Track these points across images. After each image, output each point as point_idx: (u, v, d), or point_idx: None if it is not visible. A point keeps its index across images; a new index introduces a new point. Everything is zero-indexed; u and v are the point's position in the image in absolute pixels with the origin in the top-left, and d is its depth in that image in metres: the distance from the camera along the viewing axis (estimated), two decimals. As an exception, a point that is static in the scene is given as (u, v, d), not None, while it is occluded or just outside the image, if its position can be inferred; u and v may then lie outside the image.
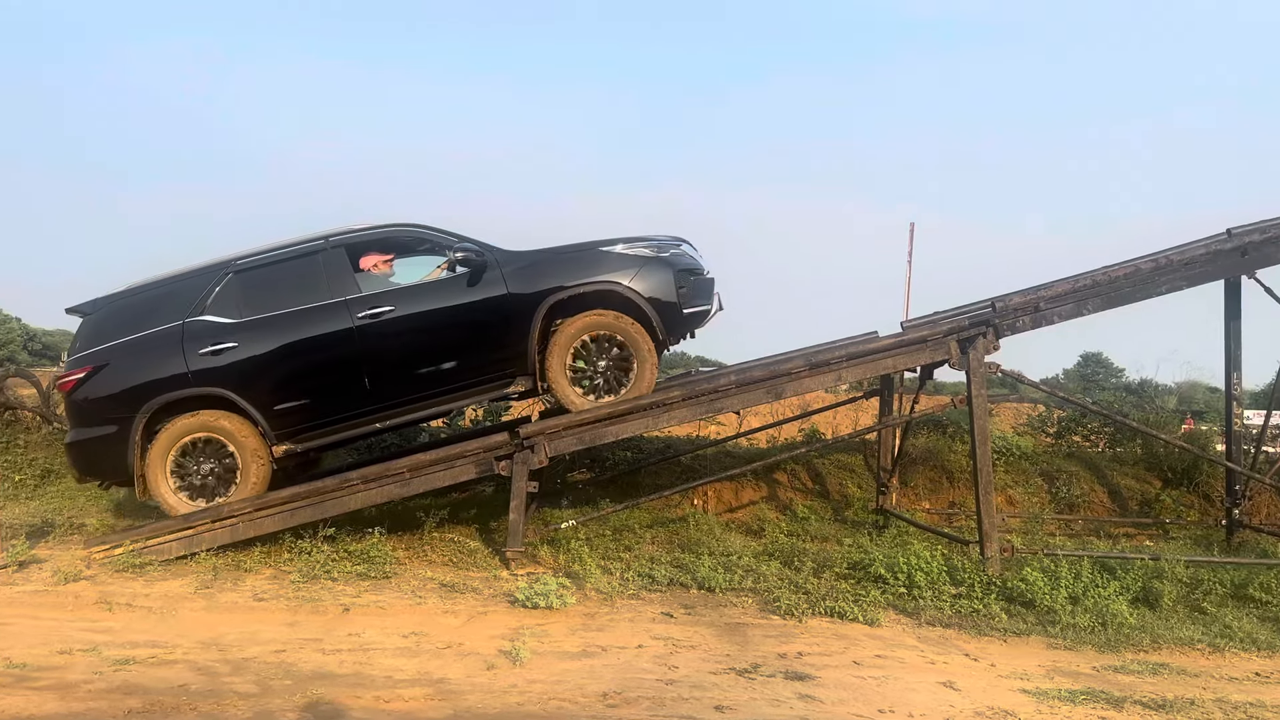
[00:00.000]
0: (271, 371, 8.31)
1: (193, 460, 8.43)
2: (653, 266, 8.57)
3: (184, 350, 8.30)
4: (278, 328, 8.34)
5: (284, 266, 8.50)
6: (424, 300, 8.43)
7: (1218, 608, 7.87)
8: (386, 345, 8.32)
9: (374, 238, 8.69)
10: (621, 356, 8.55)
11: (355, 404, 8.41)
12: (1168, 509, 11.19)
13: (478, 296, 8.38)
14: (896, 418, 10.75)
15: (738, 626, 7.07)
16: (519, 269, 8.43)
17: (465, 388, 8.54)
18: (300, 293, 8.40)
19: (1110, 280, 8.54)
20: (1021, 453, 11.93)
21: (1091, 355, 44.72)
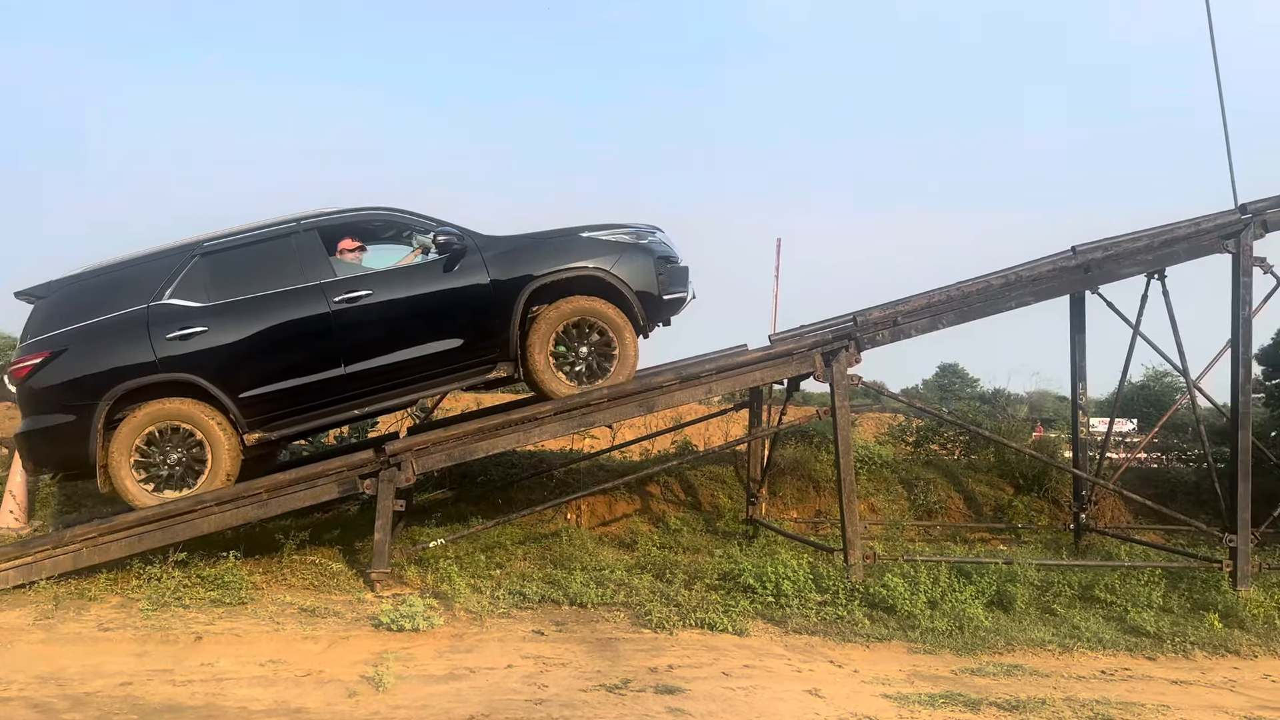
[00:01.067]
0: (243, 357, 8.00)
1: (159, 450, 8.01)
2: (634, 253, 8.56)
3: (150, 335, 7.92)
4: (249, 312, 8.05)
5: (254, 249, 8.22)
6: (403, 285, 8.24)
7: (1067, 609, 8.25)
8: (364, 330, 8.11)
9: (348, 221, 8.45)
10: (603, 343, 8.48)
11: (332, 390, 8.16)
12: (1020, 514, 11.72)
13: (458, 282, 8.23)
14: (765, 429, 10.93)
15: (609, 642, 7.03)
16: (499, 254, 8.33)
17: (445, 374, 8.37)
18: (272, 276, 8.13)
19: (963, 295, 8.89)
20: (883, 461, 12.31)
21: (949, 366, 46.60)
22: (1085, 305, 10.74)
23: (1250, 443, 8.98)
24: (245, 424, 8.08)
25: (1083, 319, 10.82)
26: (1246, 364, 8.97)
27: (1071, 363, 10.99)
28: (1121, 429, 16.57)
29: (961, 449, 13.32)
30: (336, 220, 8.41)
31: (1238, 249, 8.90)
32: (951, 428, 13.09)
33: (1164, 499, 11.47)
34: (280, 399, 8.11)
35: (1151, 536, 10.99)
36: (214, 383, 7.96)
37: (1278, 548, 10.40)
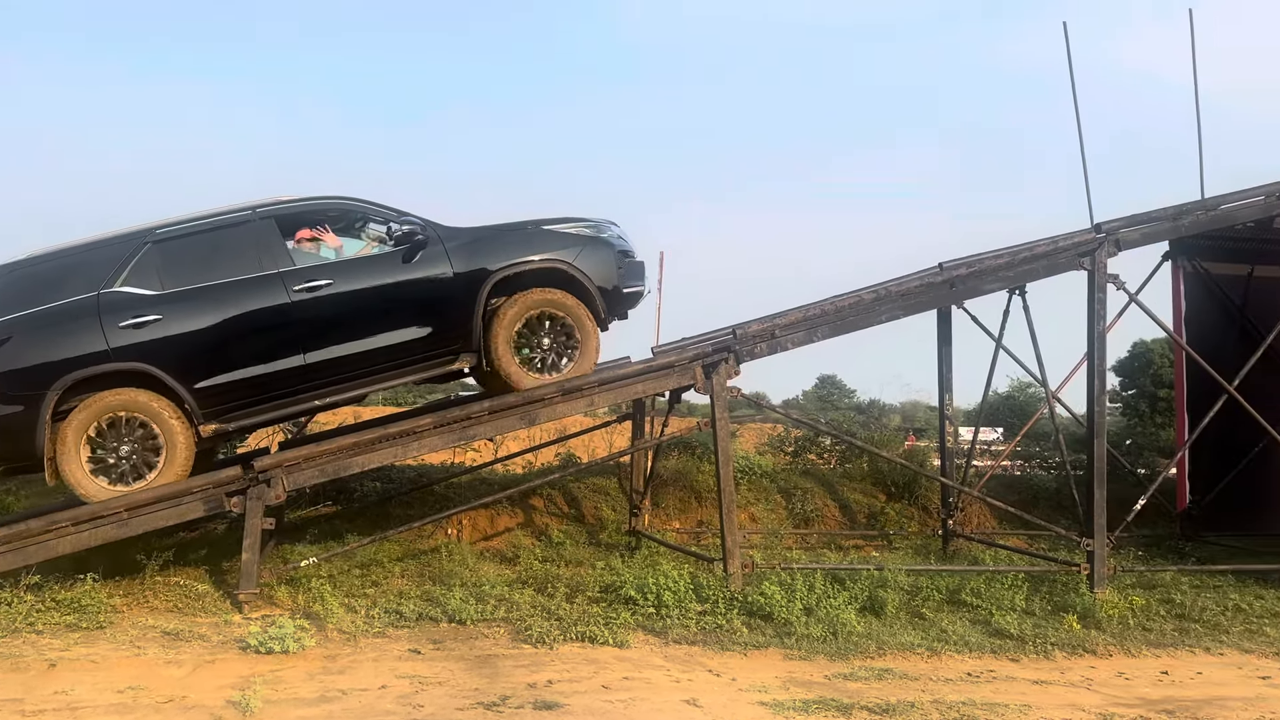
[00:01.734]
0: (200, 346, 7.82)
1: (111, 441, 7.72)
2: (595, 246, 8.66)
3: (102, 323, 7.66)
4: (206, 300, 7.87)
5: (209, 237, 8.04)
6: (364, 275, 8.18)
7: (935, 613, 8.53)
8: (325, 320, 8.00)
9: (306, 209, 8.34)
10: (565, 335, 8.54)
11: (292, 381, 8.04)
12: (892, 521, 12.07)
13: (421, 273, 8.20)
14: (647, 440, 11.00)
15: (488, 658, 6.95)
16: (461, 245, 8.32)
17: (407, 364, 8.33)
18: (228, 265, 7.97)
19: (837, 310, 9.13)
20: (763, 471, 12.53)
21: (827, 377, 47.92)
22: (952, 319, 11.17)
23: (1105, 451, 9.45)
24: (201, 415, 7.90)
25: (949, 332, 11.25)
26: (1101, 376, 9.45)
27: (939, 375, 11.41)
28: (988, 438, 17.28)
29: (837, 458, 13.67)
30: (294, 209, 8.31)
31: (1093, 266, 9.37)
32: (828, 437, 13.41)
33: (1026, 505, 11.98)
34: (238, 389, 7.96)
35: (1015, 541, 11.46)
36: (169, 373, 7.75)
37: (1132, 551, 11.00)
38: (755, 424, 22.00)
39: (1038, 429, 13.73)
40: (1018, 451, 14.59)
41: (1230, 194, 9.74)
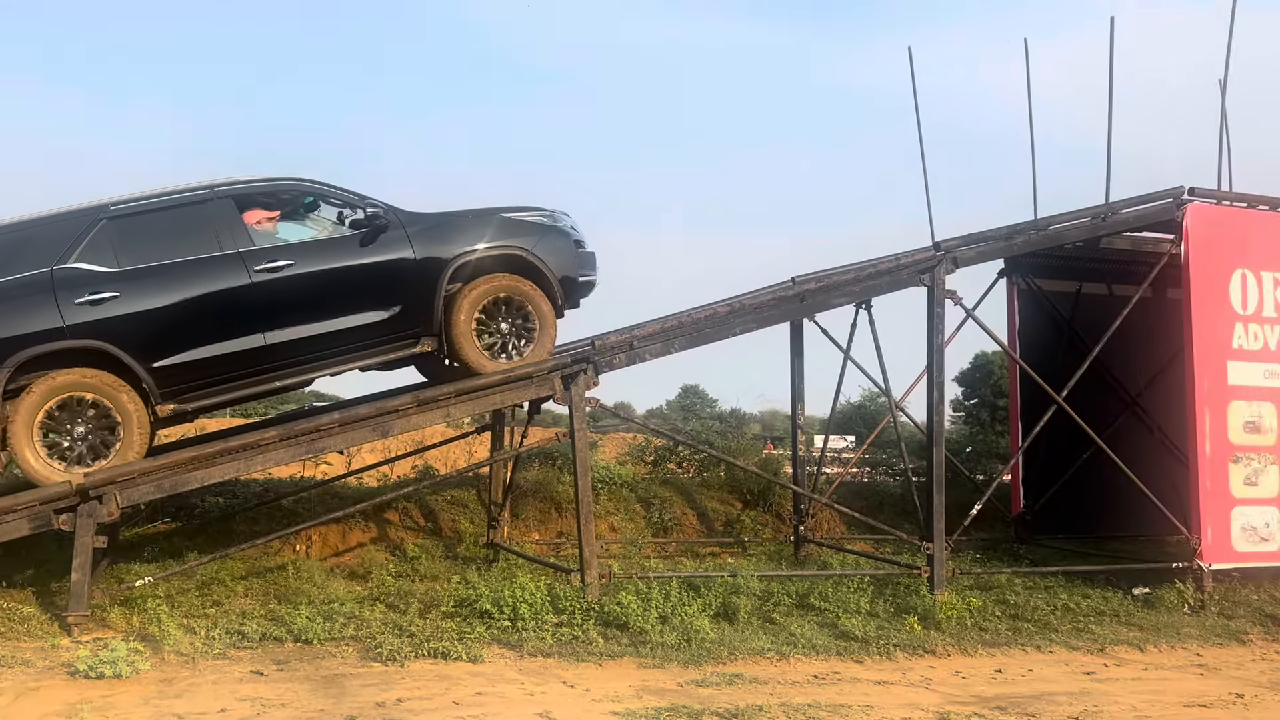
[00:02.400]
0: (159, 325, 7.68)
1: (66, 422, 7.51)
2: (553, 234, 8.88)
3: (57, 300, 7.45)
4: (165, 278, 7.75)
5: (167, 215, 7.94)
6: (326, 257, 8.17)
7: (785, 617, 8.76)
8: (286, 301, 7.96)
9: (265, 190, 8.30)
10: (524, 320, 8.68)
11: (252, 362, 7.99)
12: (747, 528, 12.33)
13: (382, 256, 8.24)
14: (507, 451, 10.92)
15: (335, 678, 6.76)
16: (423, 230, 8.41)
17: (368, 346, 8.36)
18: (187, 243, 7.87)
19: (694, 322, 9.29)
20: (623, 481, 12.60)
21: (690, 387, 48.62)
22: (803, 331, 11.52)
23: (944, 458, 9.88)
24: (159, 395, 7.76)
25: (801, 344, 11.60)
26: (940, 387, 9.89)
27: (791, 385, 11.75)
28: (838, 445, 17.83)
29: (696, 467, 13.85)
30: (252, 189, 8.26)
31: (932, 283, 9.81)
32: (687, 447, 13.60)
33: (873, 511, 12.41)
34: (197, 369, 7.86)
35: (862, 546, 11.87)
36: (126, 351, 7.58)
37: (970, 554, 11.54)
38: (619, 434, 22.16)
39: (886, 436, 14.26)
40: (865, 459, 15.12)
41: (1059, 215, 10.37)
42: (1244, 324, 10.38)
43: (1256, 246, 10.53)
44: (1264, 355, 10.43)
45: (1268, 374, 10.45)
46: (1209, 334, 10.24)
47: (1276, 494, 10.35)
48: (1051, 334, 12.46)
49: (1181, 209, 10.33)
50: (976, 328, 10.81)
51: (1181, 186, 10.37)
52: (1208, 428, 10.15)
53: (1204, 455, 10.13)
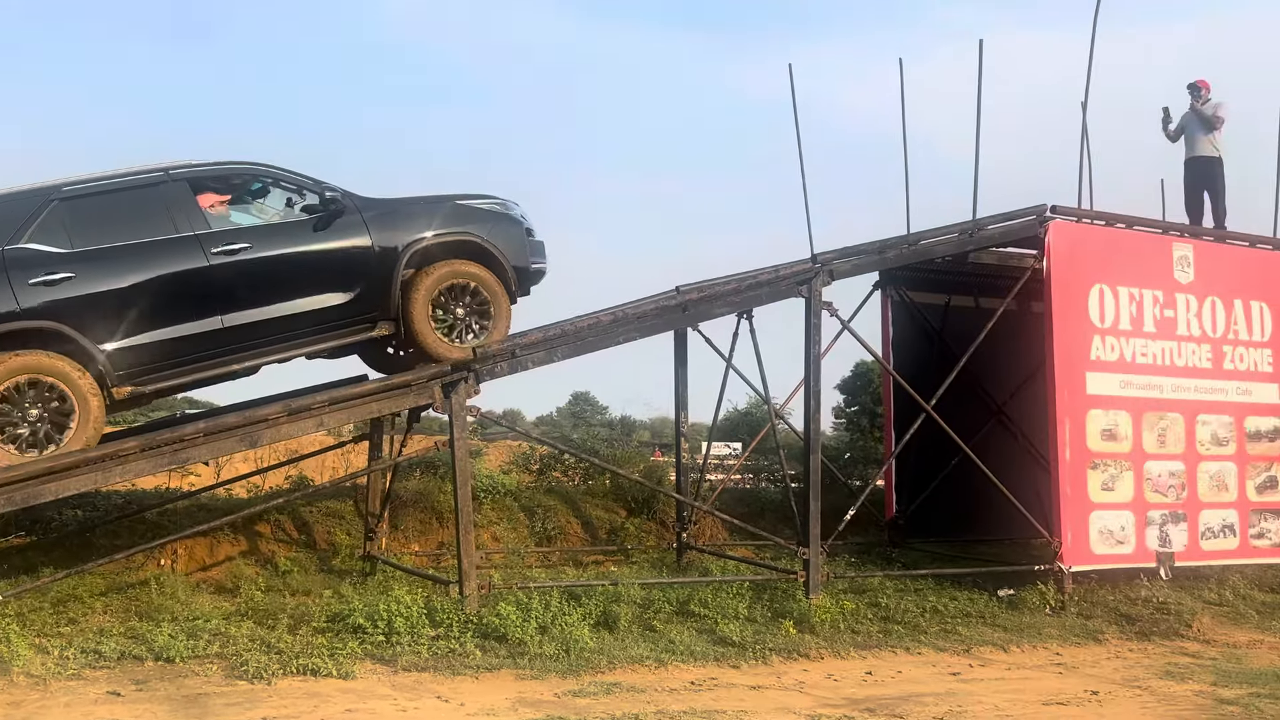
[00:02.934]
0: (116, 306, 7.59)
1: (18, 406, 7.28)
2: (507, 222, 9.07)
3: (10, 280, 7.29)
4: (122, 260, 7.66)
5: (121, 196, 7.86)
6: (284, 240, 8.20)
7: (665, 624, 8.81)
8: (244, 284, 7.98)
9: (220, 174, 8.28)
10: (479, 305, 8.84)
11: (210, 344, 7.97)
12: (631, 536, 12.36)
13: (340, 240, 8.33)
14: (384, 461, 10.70)
15: (198, 697, 6.50)
16: (379, 215, 8.50)
17: (326, 330, 8.42)
18: (142, 225, 7.80)
19: (577, 330, 9.27)
20: (506, 490, 12.48)
21: (581, 394, 48.56)
22: (687, 340, 11.63)
23: (820, 465, 10.11)
24: (115, 377, 7.64)
25: (685, 353, 11.71)
26: (816, 395, 10.12)
27: (675, 393, 11.85)
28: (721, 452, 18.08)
29: (582, 475, 13.83)
30: (207, 173, 8.24)
31: (809, 294, 10.03)
32: (572, 455, 13.57)
33: (755, 517, 12.61)
34: (154, 351, 7.80)
35: (744, 552, 12.03)
36: (82, 333, 7.47)
37: (845, 558, 11.82)
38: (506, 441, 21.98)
39: (769, 443, 14.49)
40: (748, 465, 15.35)
41: (929, 230, 10.73)
42: (1102, 337, 10.92)
43: (1114, 263, 11.09)
44: (1120, 366, 10.99)
45: (1123, 384, 11.01)
46: (1069, 346, 10.74)
47: (1131, 499, 10.90)
48: (923, 344, 12.87)
49: (1044, 226, 10.82)
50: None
51: (1044, 205, 10.86)
52: (1068, 435, 10.63)
53: (1064, 462, 10.61)
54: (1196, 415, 11.31)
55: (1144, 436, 11.01)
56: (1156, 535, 10.94)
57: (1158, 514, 10.98)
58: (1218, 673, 8.19)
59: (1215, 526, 11.33)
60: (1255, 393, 11.72)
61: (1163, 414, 11.13)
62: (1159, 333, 11.18)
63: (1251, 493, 11.56)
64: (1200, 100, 12.27)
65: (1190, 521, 11.16)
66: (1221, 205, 12.29)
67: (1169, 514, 11.05)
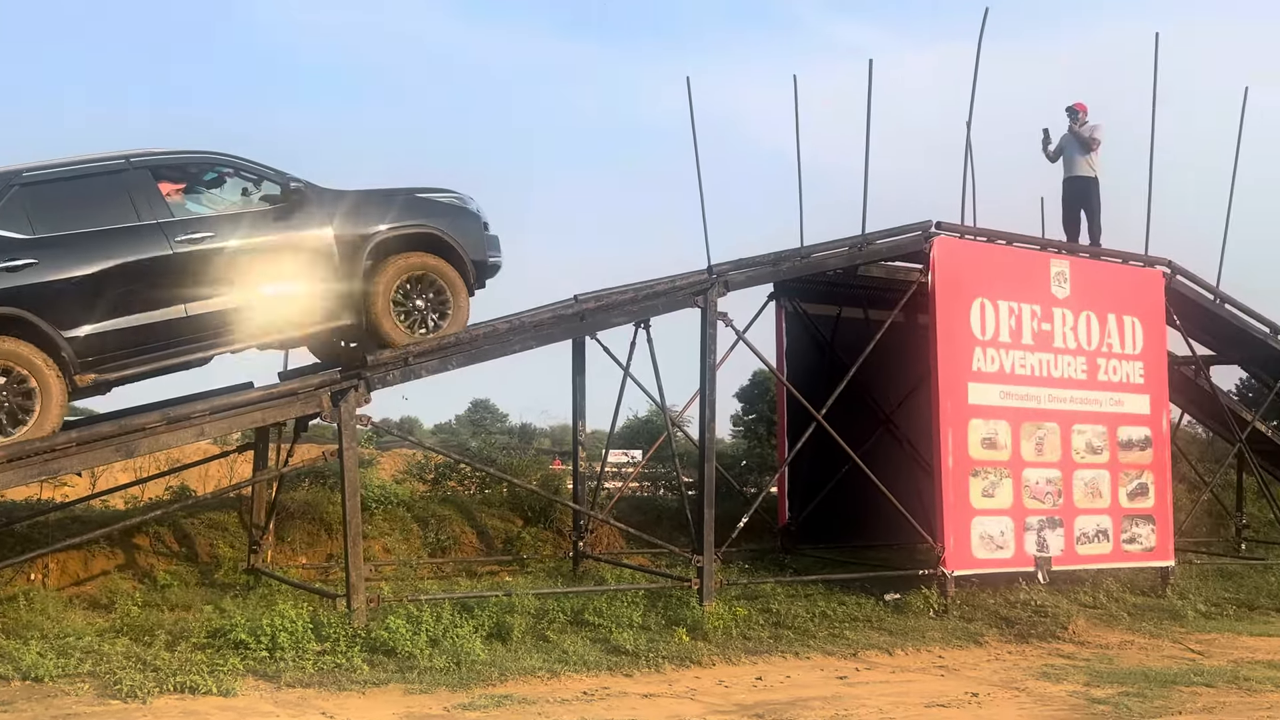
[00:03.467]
0: (80, 293, 7.53)
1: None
2: (465, 216, 9.17)
3: None
4: (85, 247, 7.60)
5: (83, 183, 7.81)
6: (247, 230, 8.20)
7: (559, 634, 8.78)
8: (207, 273, 7.99)
9: (182, 162, 8.31)
10: (439, 297, 8.92)
11: (174, 333, 7.95)
12: (527, 545, 12.29)
13: (302, 231, 8.37)
14: (271, 470, 10.41)
15: (67, 718, 6.21)
16: (341, 206, 8.56)
17: (292, 319, 8.45)
18: (105, 212, 7.74)
19: (472, 339, 9.18)
20: (399, 500, 12.28)
21: (481, 401, 48.10)
22: (585, 349, 11.63)
23: (714, 473, 10.22)
24: (78, 364, 7.57)
25: (583, 361, 11.71)
26: (711, 405, 10.23)
27: (573, 402, 11.83)
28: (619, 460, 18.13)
29: (478, 485, 13.70)
30: (169, 160, 8.25)
31: (705, 305, 10.15)
32: (469, 464, 13.43)
33: (651, 525, 12.67)
34: (117, 339, 7.74)
35: (640, 560, 12.08)
36: (45, 319, 7.38)
37: (738, 564, 11.96)
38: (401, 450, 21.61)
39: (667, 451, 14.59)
40: (646, 473, 15.43)
41: (820, 244, 10.98)
42: (983, 348, 11.31)
43: (995, 278, 11.52)
44: (1000, 377, 11.40)
45: (1003, 394, 11.42)
46: (952, 357, 11.10)
47: (1010, 505, 11.31)
48: (815, 355, 13.15)
49: (929, 241, 11.17)
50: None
51: (929, 221, 11.21)
52: (950, 444, 10.99)
53: (947, 469, 10.95)
54: (1072, 425, 11.81)
55: (1023, 445, 11.44)
56: (1034, 540, 11.38)
57: (1035, 520, 11.42)
58: (1091, 673, 8.55)
59: (1090, 532, 11.83)
60: (1127, 403, 12.29)
61: (1040, 423, 11.59)
62: (1037, 345, 11.64)
63: (1123, 499, 12.10)
64: (1078, 122, 12.83)
65: (1066, 527, 11.63)
66: (1097, 223, 12.86)
67: (1046, 520, 11.50)
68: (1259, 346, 14.08)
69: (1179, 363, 14.14)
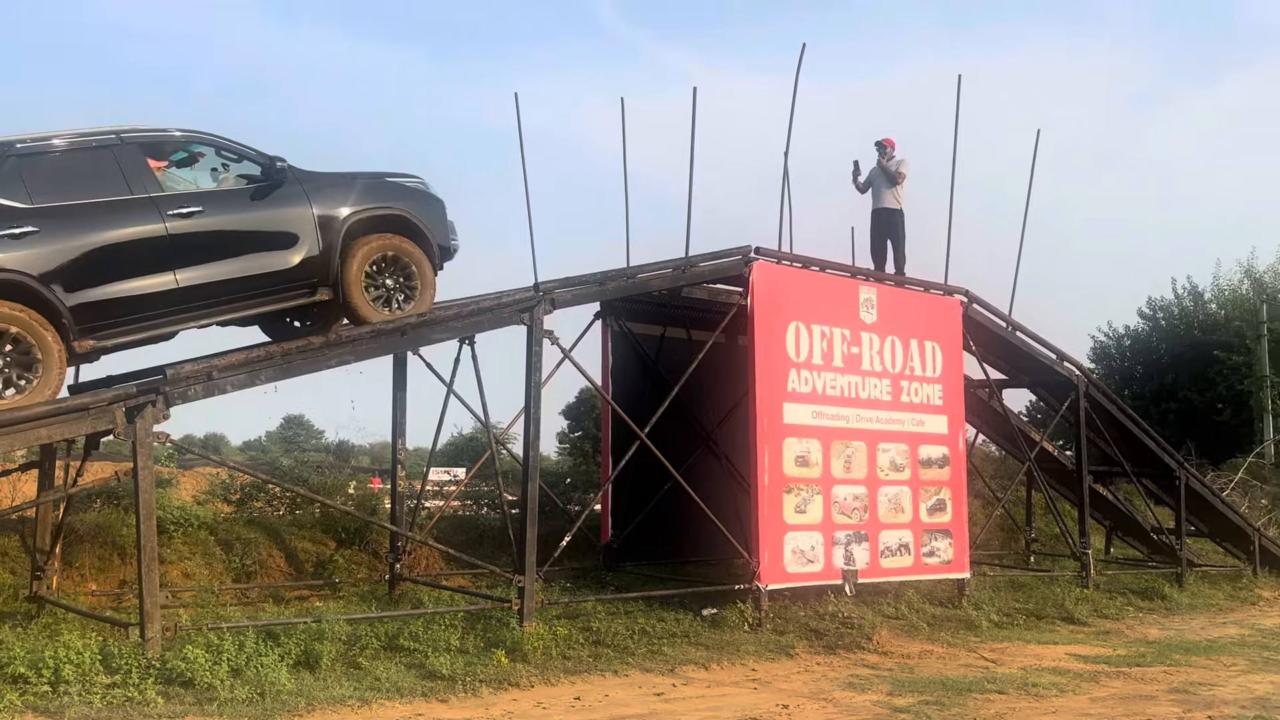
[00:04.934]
0: (78, 262, 7.87)
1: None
2: (431, 200, 9.80)
3: None
4: (83, 217, 7.96)
5: (75, 156, 8.13)
6: (234, 206, 8.68)
7: (372, 661, 8.47)
8: (197, 245, 8.40)
9: (167, 139, 8.65)
10: (406, 277, 9.46)
11: (166, 302, 8.33)
12: (341, 568, 11.87)
13: (286, 208, 8.84)
14: (58, 490, 9.66)
15: None
16: (319, 186, 9.05)
17: (272, 292, 8.87)
18: (98, 185, 8.10)
19: (284, 352, 8.81)
20: (201, 522, 11.63)
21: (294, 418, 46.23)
22: (406, 365, 11.37)
23: (538, 492, 10.16)
24: (77, 330, 7.91)
25: (404, 378, 11.46)
26: (536, 423, 10.18)
27: (393, 419, 11.53)
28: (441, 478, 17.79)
29: (288, 505, 13.13)
30: (156, 138, 8.58)
31: (531, 322, 10.11)
32: (277, 484, 12.86)
33: (474, 544, 12.49)
34: (114, 307, 8.09)
35: (460, 581, 11.87)
36: (46, 285, 7.69)
37: (560, 583, 11.93)
38: (205, 469, 20.48)
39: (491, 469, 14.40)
40: (469, 492, 15.19)
41: (646, 265, 11.14)
42: (797, 370, 11.75)
43: (809, 302, 11.99)
44: (813, 398, 11.86)
45: (815, 414, 11.88)
46: (769, 378, 11.47)
47: (821, 520, 11.76)
48: (640, 373, 13.32)
49: (749, 266, 11.52)
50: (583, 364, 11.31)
51: (749, 246, 11.57)
52: (766, 461, 11.33)
53: (763, 486, 11.29)
54: (878, 443, 12.40)
55: (832, 463, 11.93)
56: (842, 554, 11.87)
57: (843, 534, 11.92)
58: (893, 683, 8.95)
59: (893, 545, 12.44)
60: (927, 423, 13.02)
61: (849, 442, 12.12)
62: (846, 367, 12.19)
63: (924, 514, 12.79)
64: (886, 157, 13.55)
65: (872, 541, 12.19)
66: (902, 253, 13.60)
67: (853, 534, 12.01)
68: (1046, 371, 15.24)
69: (974, 385, 15.11)
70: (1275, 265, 34.46)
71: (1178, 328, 34.68)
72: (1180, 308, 35.08)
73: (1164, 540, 16.47)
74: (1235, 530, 17.20)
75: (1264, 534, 17.28)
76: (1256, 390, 30.08)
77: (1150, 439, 16.06)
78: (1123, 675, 9.46)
